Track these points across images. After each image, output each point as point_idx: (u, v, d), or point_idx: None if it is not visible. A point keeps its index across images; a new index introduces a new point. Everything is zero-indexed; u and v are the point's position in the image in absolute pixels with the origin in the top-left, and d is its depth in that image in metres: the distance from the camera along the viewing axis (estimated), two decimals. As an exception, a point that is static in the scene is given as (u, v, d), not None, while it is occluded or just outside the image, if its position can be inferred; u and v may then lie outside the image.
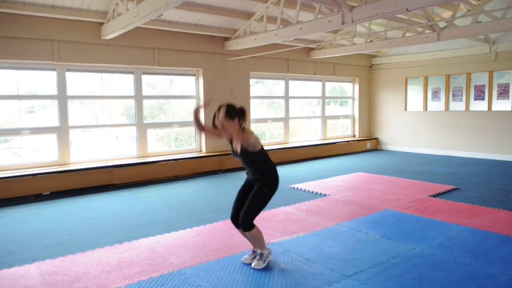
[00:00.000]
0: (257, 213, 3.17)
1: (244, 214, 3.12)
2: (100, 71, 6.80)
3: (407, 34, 7.70)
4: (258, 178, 3.19)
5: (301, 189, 6.08)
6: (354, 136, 11.19)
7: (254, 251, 3.33)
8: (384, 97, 10.94)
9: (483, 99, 8.94)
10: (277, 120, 9.47)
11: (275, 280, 2.98)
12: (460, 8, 7.92)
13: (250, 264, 3.26)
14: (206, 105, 3.46)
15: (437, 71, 9.67)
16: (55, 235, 4.12)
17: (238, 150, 3.14)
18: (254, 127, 8.93)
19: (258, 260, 3.21)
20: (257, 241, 3.22)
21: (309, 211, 4.82)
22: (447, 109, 9.58)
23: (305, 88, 10.16)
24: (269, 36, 6.68)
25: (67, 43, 6.21)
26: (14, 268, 3.27)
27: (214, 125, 3.19)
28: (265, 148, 3.31)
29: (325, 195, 5.66)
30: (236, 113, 3.10)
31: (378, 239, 3.81)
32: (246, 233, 3.19)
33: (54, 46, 6.10)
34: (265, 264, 3.21)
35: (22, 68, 6.07)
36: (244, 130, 3.12)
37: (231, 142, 3.24)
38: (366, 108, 11.24)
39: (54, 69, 6.32)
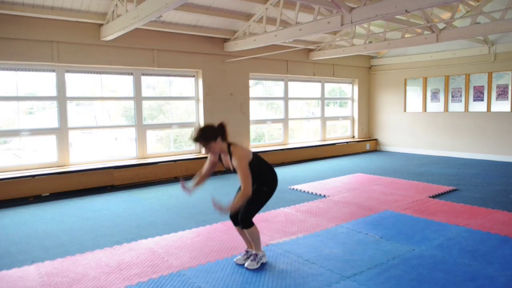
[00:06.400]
0: (256, 211, 3.18)
1: (243, 211, 3.12)
2: (100, 72, 6.80)
3: (406, 35, 7.71)
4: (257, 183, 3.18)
5: (300, 190, 6.08)
6: (353, 137, 11.19)
7: (247, 251, 3.34)
8: (383, 98, 10.96)
9: (482, 100, 8.96)
10: (277, 121, 9.47)
11: (275, 281, 2.98)
12: (459, 9, 7.93)
13: (243, 264, 3.26)
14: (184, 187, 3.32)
15: (436, 72, 9.68)
16: (54, 236, 4.12)
17: (230, 166, 3.12)
18: (254, 128, 8.94)
19: (252, 260, 3.23)
20: (254, 240, 3.23)
21: (308, 212, 4.83)
22: (446, 110, 9.59)
23: (304, 89, 10.17)
24: (268, 37, 6.69)
25: (67, 44, 6.21)
26: (13, 270, 3.27)
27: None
28: (265, 149, 3.30)
29: (324, 196, 5.66)
30: (217, 132, 3.04)
31: (377, 240, 3.81)
32: (245, 231, 3.19)
33: (54, 47, 6.10)
34: (258, 265, 3.22)
35: (22, 69, 6.07)
36: (232, 147, 3.07)
37: (220, 159, 3.21)
38: (365, 109, 11.25)
39: (54, 70, 6.32)
